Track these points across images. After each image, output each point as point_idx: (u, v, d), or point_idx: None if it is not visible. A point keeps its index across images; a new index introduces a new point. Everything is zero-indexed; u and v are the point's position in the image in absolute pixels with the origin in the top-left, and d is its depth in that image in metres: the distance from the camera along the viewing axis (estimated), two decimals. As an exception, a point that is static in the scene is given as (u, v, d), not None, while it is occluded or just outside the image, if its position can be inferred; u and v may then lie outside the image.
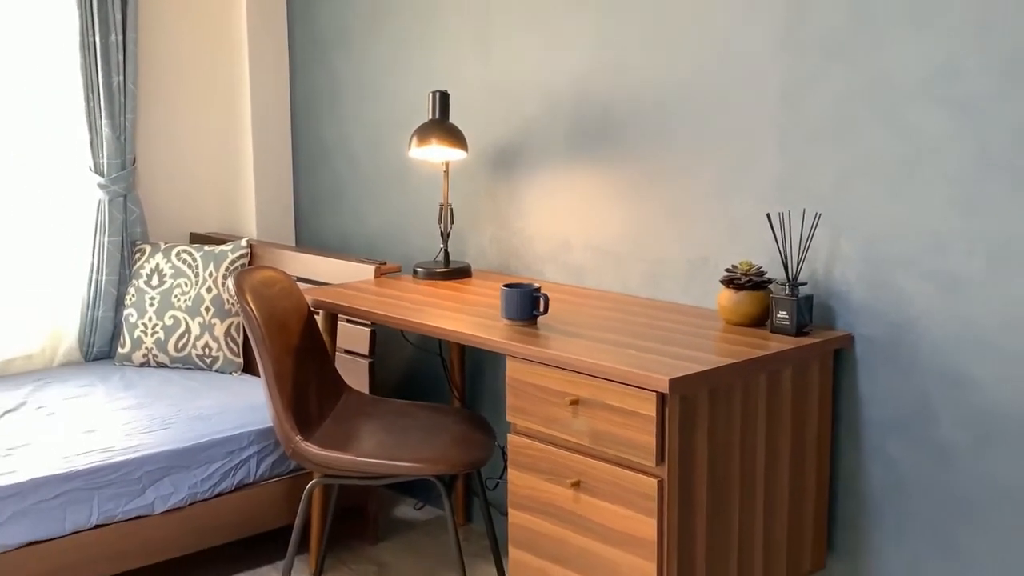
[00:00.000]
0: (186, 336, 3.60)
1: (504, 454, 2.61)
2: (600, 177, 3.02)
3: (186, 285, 3.63)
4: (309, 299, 3.02)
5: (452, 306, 2.86)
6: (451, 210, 3.30)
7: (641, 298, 2.90)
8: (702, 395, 2.20)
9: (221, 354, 3.59)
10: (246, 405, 3.21)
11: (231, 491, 3.03)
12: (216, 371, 3.60)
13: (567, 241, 3.13)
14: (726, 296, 2.54)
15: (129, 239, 3.77)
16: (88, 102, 3.65)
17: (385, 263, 3.37)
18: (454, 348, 3.38)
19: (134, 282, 3.68)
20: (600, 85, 2.97)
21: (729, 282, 2.54)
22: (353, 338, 3.32)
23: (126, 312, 3.66)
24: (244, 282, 2.70)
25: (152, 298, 3.63)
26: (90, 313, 3.75)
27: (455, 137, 3.16)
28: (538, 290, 2.61)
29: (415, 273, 3.27)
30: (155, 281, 3.65)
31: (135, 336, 3.63)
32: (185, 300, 3.61)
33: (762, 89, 2.60)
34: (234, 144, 4.10)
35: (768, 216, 2.55)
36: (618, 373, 2.20)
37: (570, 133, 3.08)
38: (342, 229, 3.95)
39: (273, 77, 4.06)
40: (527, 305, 2.60)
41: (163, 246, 3.72)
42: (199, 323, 3.59)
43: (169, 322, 3.61)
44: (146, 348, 3.62)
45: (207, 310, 3.60)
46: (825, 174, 2.50)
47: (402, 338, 3.60)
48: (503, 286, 2.62)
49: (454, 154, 3.19)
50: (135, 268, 3.71)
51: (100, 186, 3.68)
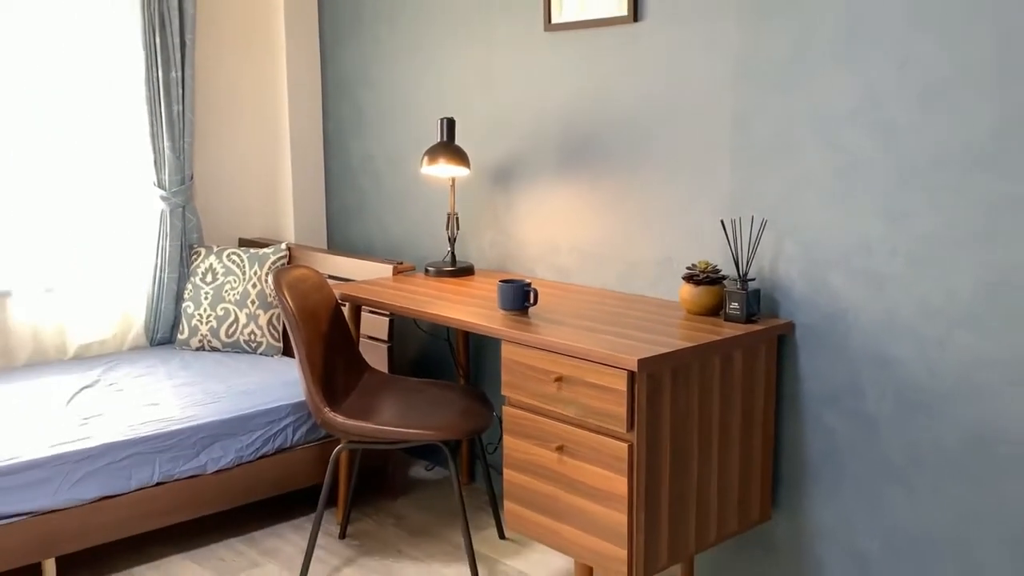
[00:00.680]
0: (235, 325, 3.59)
1: (501, 423, 2.60)
2: (583, 191, 3.01)
3: (235, 282, 3.62)
4: (337, 293, 3.01)
5: (457, 299, 2.85)
6: (457, 218, 3.30)
7: (616, 292, 2.90)
8: (666, 373, 2.19)
9: (264, 340, 3.58)
10: (284, 382, 3.21)
11: (271, 454, 3.03)
12: (260, 354, 3.59)
13: (555, 244, 3.13)
14: (687, 290, 2.54)
15: (187, 243, 3.76)
16: (152, 128, 3.64)
17: (401, 263, 3.36)
18: (459, 334, 3.38)
19: (191, 279, 3.67)
20: (582, 114, 2.97)
21: (689, 278, 2.54)
22: (374, 326, 3.31)
23: (184, 304, 3.65)
24: (281, 279, 2.69)
25: (206, 293, 3.62)
26: (154, 305, 3.75)
27: (460, 157, 3.16)
28: (529, 285, 2.60)
29: (426, 271, 3.27)
30: (209, 278, 3.64)
31: (192, 325, 3.62)
32: (234, 294, 3.60)
33: (718, 116, 2.59)
34: (275, 163, 4.09)
35: (722, 223, 2.54)
36: (595, 355, 2.20)
37: (557, 154, 3.07)
38: (366, 235, 3.95)
39: (308, 107, 4.05)
40: (520, 298, 2.59)
41: (215, 249, 3.71)
42: (246, 314, 3.58)
43: (221, 313, 3.60)
44: (201, 335, 3.61)
45: (252, 303, 3.59)
46: (770, 187, 2.50)
47: (415, 326, 3.60)
48: (500, 282, 2.61)
49: (459, 171, 3.18)
50: (192, 267, 3.70)
51: (163, 198, 3.68)
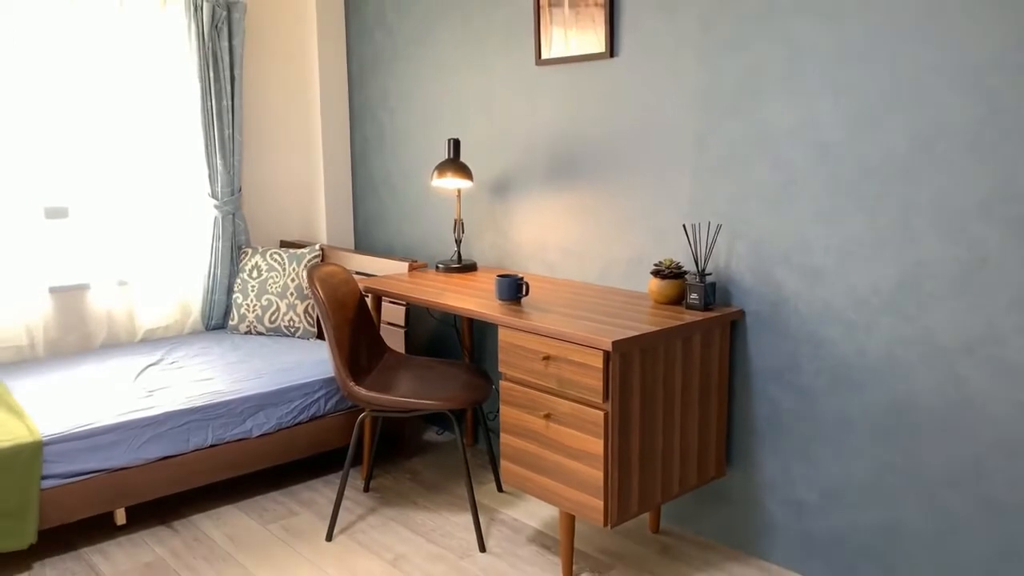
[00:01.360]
0: (276, 313, 3.58)
1: (498, 395, 2.60)
2: (567, 200, 3.00)
3: (277, 277, 3.61)
4: (361, 286, 3.00)
5: (462, 291, 2.84)
6: (462, 223, 3.29)
7: (595, 285, 2.89)
8: (635, 352, 2.19)
9: (301, 325, 3.58)
10: (317, 361, 3.20)
11: (307, 421, 3.02)
12: (297, 337, 3.59)
13: (544, 245, 3.12)
14: (654, 283, 2.53)
15: (236, 244, 3.75)
16: (207, 148, 3.62)
17: (416, 261, 3.35)
18: (464, 320, 3.37)
19: (240, 275, 3.66)
20: (567, 135, 2.95)
21: (656, 273, 2.53)
22: (393, 313, 3.30)
23: (234, 296, 3.64)
24: (314, 274, 2.68)
25: (253, 286, 3.61)
26: (209, 296, 3.74)
27: (465, 171, 3.15)
28: (522, 279, 2.59)
29: (437, 268, 3.26)
30: (255, 274, 3.63)
31: (241, 313, 3.61)
32: (276, 287, 3.59)
33: (681, 137, 2.58)
34: (311, 177, 4.08)
35: (684, 226, 2.53)
36: (577, 337, 2.19)
37: (546, 169, 3.06)
38: (386, 238, 3.94)
39: (338, 130, 4.03)
40: (514, 290, 2.59)
41: (260, 249, 3.70)
42: (286, 304, 3.58)
43: (265, 303, 3.59)
44: (248, 321, 3.61)
45: (291, 294, 3.58)
46: (724, 196, 2.49)
47: (428, 314, 3.59)
48: (497, 276, 2.61)
49: (464, 184, 3.17)
50: (241, 265, 3.69)
51: (215, 207, 3.67)
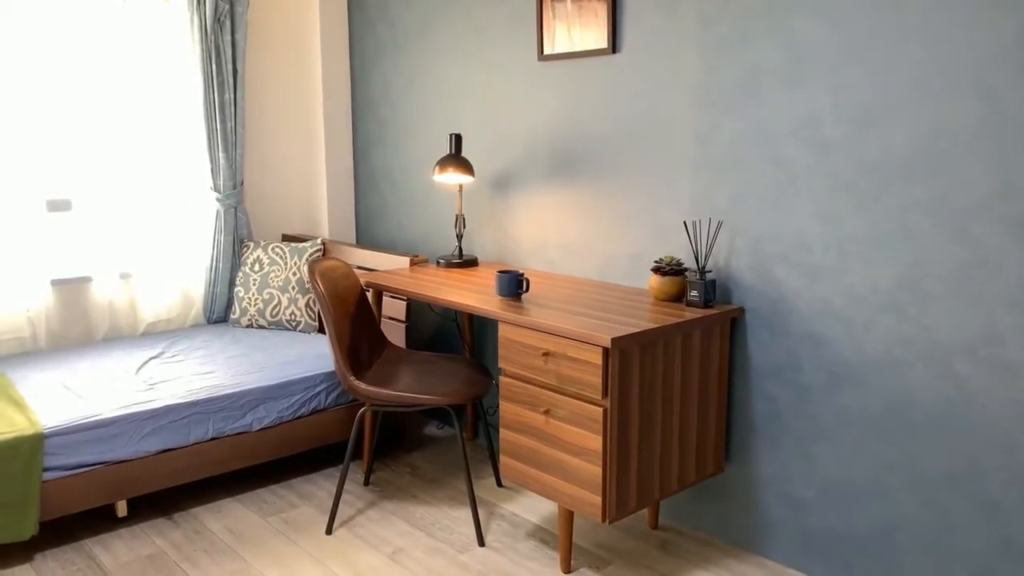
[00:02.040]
0: (278, 306, 3.58)
1: (498, 390, 2.60)
2: (568, 196, 2.99)
3: (278, 270, 3.61)
4: (362, 281, 3.00)
5: (463, 286, 2.84)
6: (463, 219, 3.28)
7: (595, 281, 2.88)
8: (635, 349, 2.18)
9: (302, 319, 3.58)
10: (318, 355, 3.20)
11: (307, 415, 3.02)
12: (298, 331, 3.59)
13: (545, 241, 3.11)
14: (654, 280, 2.53)
15: (238, 238, 3.75)
16: (210, 141, 3.62)
17: (417, 256, 3.34)
18: (465, 315, 3.37)
19: (242, 268, 3.66)
20: (568, 131, 2.95)
21: (657, 270, 2.53)
22: (394, 308, 3.30)
23: (236, 289, 3.64)
24: (315, 268, 2.68)
25: (254, 280, 3.61)
26: (211, 289, 3.74)
27: (466, 167, 3.14)
28: (522, 275, 2.59)
29: (438, 263, 3.25)
30: (257, 268, 3.63)
31: (243, 306, 3.61)
32: (277, 281, 3.59)
33: (681, 134, 2.57)
34: (312, 171, 4.07)
35: (685, 223, 2.53)
36: (575, 333, 2.19)
37: (547, 165, 3.05)
38: (387, 232, 3.93)
39: (340, 124, 4.02)
40: (514, 286, 2.58)
41: (262, 243, 3.70)
42: (287, 297, 3.57)
43: (266, 296, 3.59)
44: (250, 315, 3.60)
45: (293, 288, 3.58)
46: (725, 194, 2.48)
47: (429, 308, 3.59)
48: (497, 272, 2.60)
49: (465, 179, 3.16)
50: (243, 258, 3.68)
51: (218, 200, 3.66)
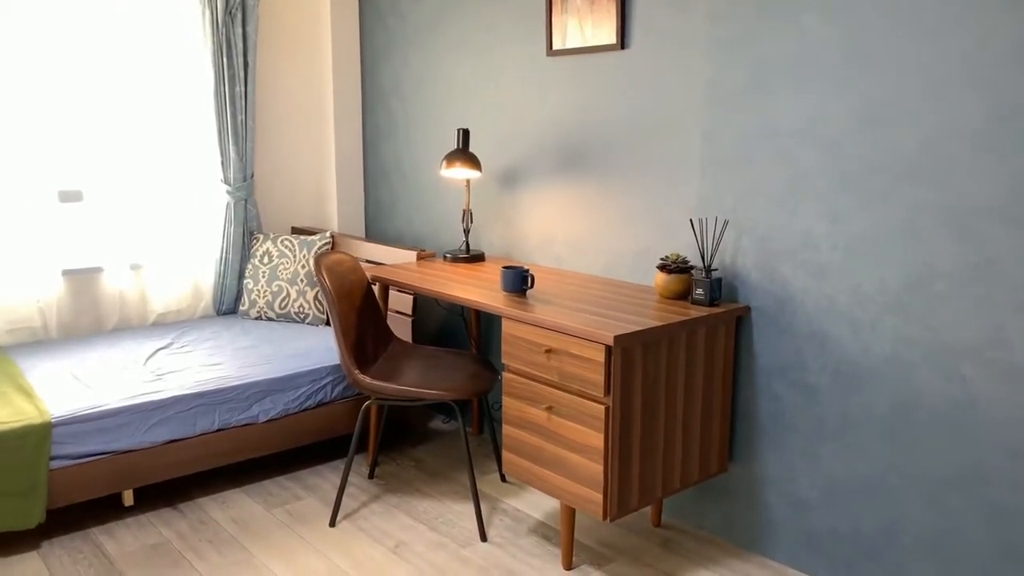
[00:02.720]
0: (287, 299, 3.59)
1: (502, 386, 2.59)
2: (575, 192, 2.97)
3: (287, 263, 3.61)
4: (369, 275, 3.00)
5: (470, 281, 2.83)
6: (471, 214, 3.28)
7: (600, 278, 2.87)
8: (638, 347, 2.17)
9: (311, 312, 3.58)
10: (326, 348, 3.21)
11: (313, 408, 3.03)
12: (306, 324, 3.59)
13: (551, 237, 3.10)
14: (660, 277, 2.51)
15: (248, 230, 3.76)
16: (220, 134, 3.63)
17: (424, 250, 3.34)
18: (471, 310, 3.36)
19: (251, 261, 3.66)
20: (576, 127, 2.93)
21: (662, 267, 2.51)
22: (400, 302, 3.30)
23: (245, 281, 3.65)
24: (321, 262, 2.68)
25: (264, 272, 3.62)
26: (221, 281, 3.75)
27: (474, 162, 3.13)
28: (527, 271, 2.57)
29: (445, 258, 3.25)
30: (266, 260, 3.64)
31: (252, 298, 3.62)
32: (286, 274, 3.60)
33: (689, 131, 2.55)
34: (322, 164, 4.07)
35: (691, 221, 2.51)
36: (578, 331, 2.17)
37: (554, 160, 3.04)
38: (396, 226, 3.93)
39: (350, 117, 4.02)
40: (519, 281, 2.57)
41: (272, 235, 3.71)
42: (296, 290, 3.58)
43: (275, 289, 3.59)
44: (259, 307, 3.61)
45: (301, 281, 3.58)
46: (731, 191, 2.46)
47: (435, 303, 3.59)
48: (502, 268, 2.59)
49: (473, 174, 3.15)
50: (252, 251, 3.69)
51: (228, 193, 3.67)
